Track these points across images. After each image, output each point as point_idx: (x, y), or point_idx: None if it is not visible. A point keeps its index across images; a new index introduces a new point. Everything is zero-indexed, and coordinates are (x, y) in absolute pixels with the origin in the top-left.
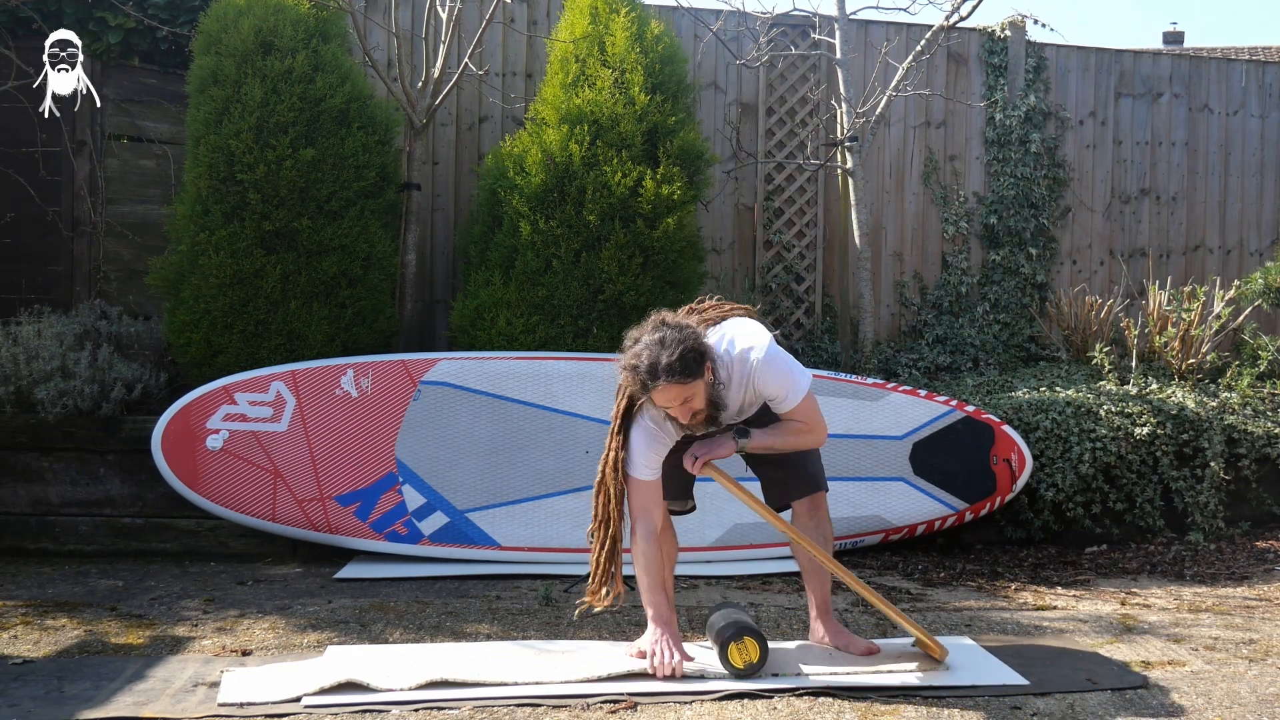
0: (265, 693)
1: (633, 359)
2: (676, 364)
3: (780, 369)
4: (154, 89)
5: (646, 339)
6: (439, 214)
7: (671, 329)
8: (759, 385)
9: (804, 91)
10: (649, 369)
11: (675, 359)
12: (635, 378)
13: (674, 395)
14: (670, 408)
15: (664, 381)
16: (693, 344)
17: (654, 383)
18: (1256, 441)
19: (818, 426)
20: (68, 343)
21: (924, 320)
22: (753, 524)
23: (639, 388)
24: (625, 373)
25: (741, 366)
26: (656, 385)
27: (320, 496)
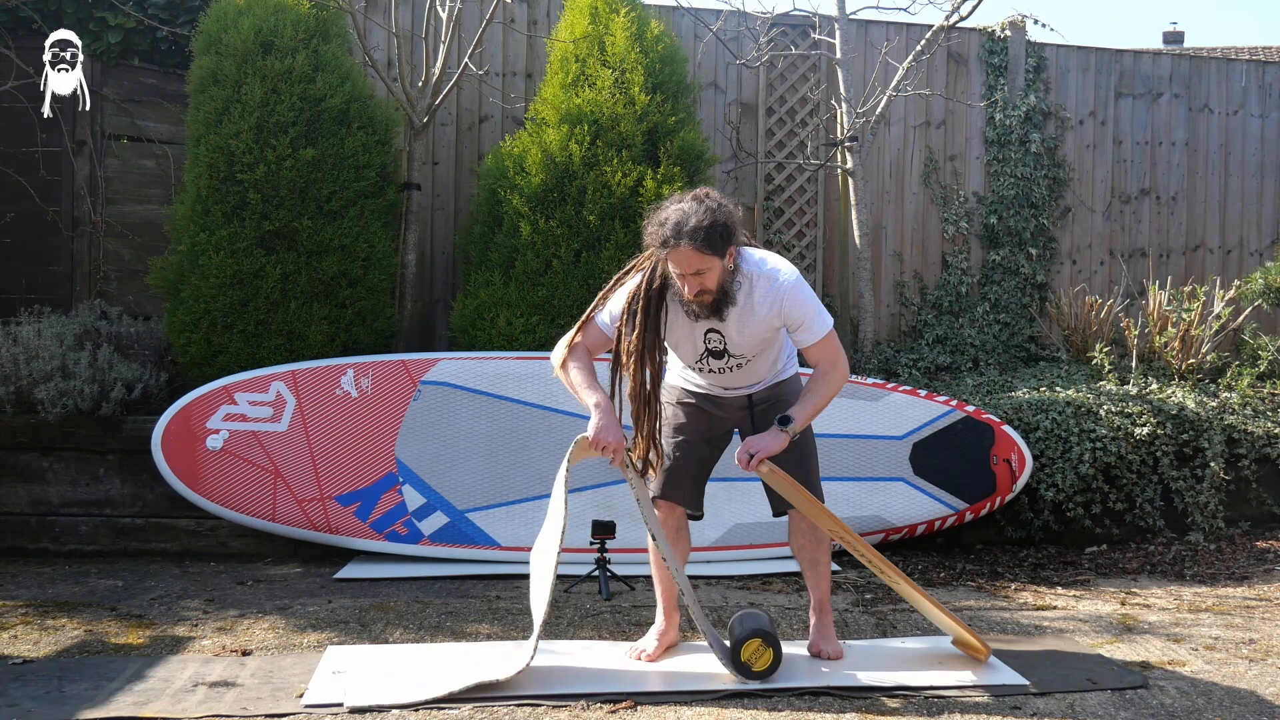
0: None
1: (662, 215)
2: (702, 231)
3: (808, 297)
4: (154, 89)
5: (685, 202)
6: (439, 214)
7: (711, 201)
8: (786, 307)
9: (804, 91)
10: (675, 226)
11: (704, 224)
12: (658, 232)
13: (689, 262)
14: (682, 274)
15: (685, 244)
16: (726, 220)
17: (675, 241)
18: (1256, 441)
19: (839, 363)
20: (68, 343)
21: (924, 320)
22: (753, 524)
23: (658, 242)
24: (651, 229)
25: (768, 284)
26: (677, 245)
27: (320, 496)
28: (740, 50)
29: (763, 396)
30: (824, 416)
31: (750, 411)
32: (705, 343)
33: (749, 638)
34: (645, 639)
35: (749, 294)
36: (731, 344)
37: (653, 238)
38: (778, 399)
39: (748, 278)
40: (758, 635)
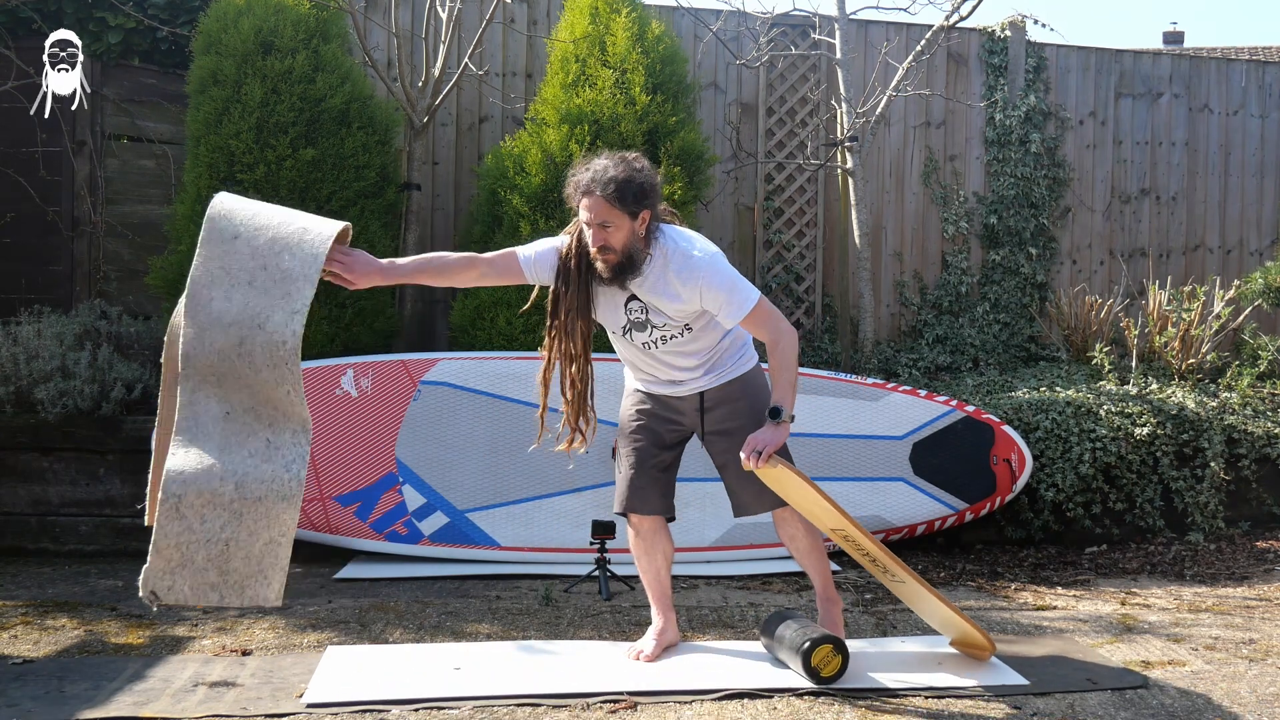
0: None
1: (584, 164)
2: (614, 183)
3: (724, 272)
4: (154, 89)
5: (609, 158)
6: (439, 214)
7: (635, 162)
8: (703, 285)
9: (804, 91)
10: (590, 173)
11: (618, 177)
12: (573, 180)
13: (599, 212)
14: (589, 223)
15: (597, 194)
16: (643, 182)
17: (588, 190)
18: (1256, 441)
19: (781, 329)
20: (68, 343)
21: (924, 320)
22: (753, 524)
23: (572, 188)
24: (573, 177)
25: (683, 259)
26: (587, 192)
27: (320, 496)
28: (740, 50)
29: (714, 396)
30: (824, 416)
31: (701, 412)
32: (627, 313)
33: (823, 642)
34: (644, 639)
35: (663, 267)
36: (652, 313)
37: (571, 185)
38: (732, 398)
39: (663, 251)
40: (830, 642)
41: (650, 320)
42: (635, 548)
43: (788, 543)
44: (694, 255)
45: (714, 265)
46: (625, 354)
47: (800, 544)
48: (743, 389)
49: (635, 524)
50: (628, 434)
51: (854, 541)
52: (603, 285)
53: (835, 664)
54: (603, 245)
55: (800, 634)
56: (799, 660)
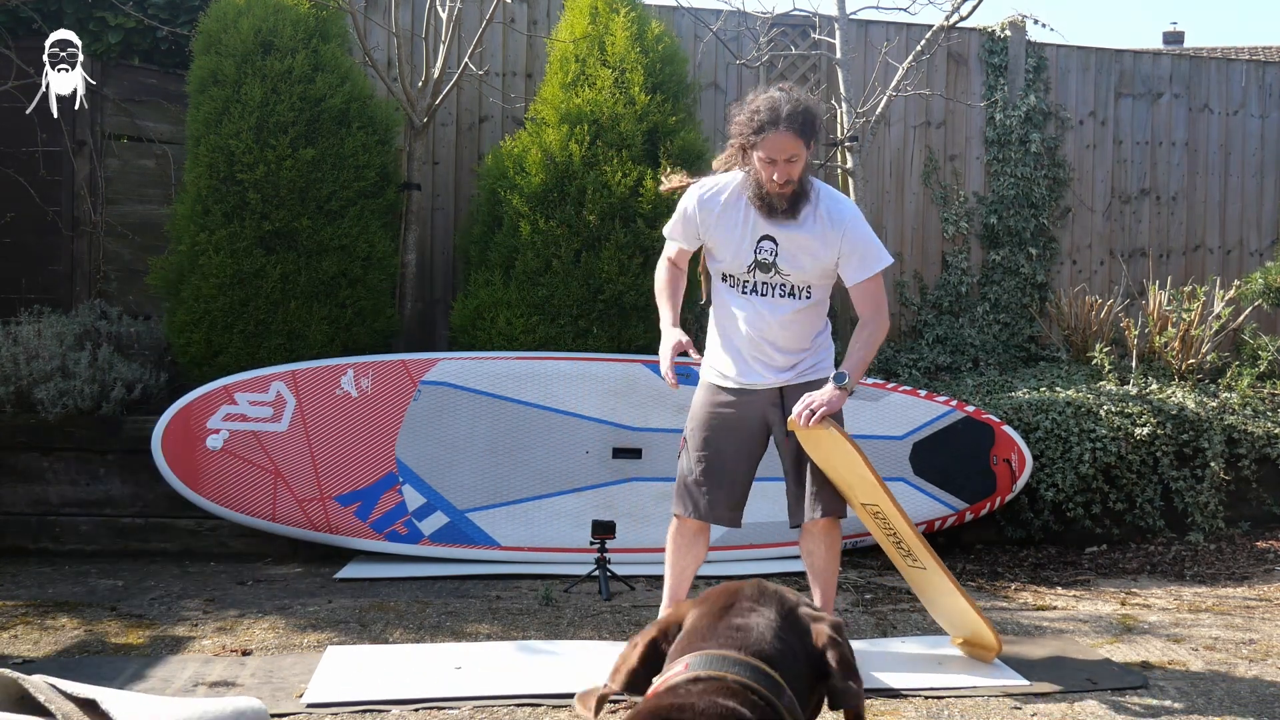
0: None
1: (754, 105)
2: (799, 115)
3: (867, 226)
4: (154, 89)
5: (773, 93)
6: (439, 214)
7: (799, 91)
8: (849, 229)
9: (804, 91)
10: (771, 110)
11: (799, 109)
12: (752, 120)
13: (785, 146)
14: (775, 161)
15: (784, 128)
16: (816, 110)
17: (774, 127)
18: (1256, 441)
19: (883, 309)
20: (68, 343)
21: (924, 320)
22: (754, 524)
23: (754, 130)
24: (742, 118)
25: (836, 203)
26: (776, 130)
27: (320, 496)
28: (740, 50)
29: (793, 392)
30: None
31: (781, 407)
32: (756, 252)
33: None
34: None
35: (815, 205)
36: (782, 256)
37: (745, 126)
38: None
39: (816, 191)
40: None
41: (777, 264)
42: (673, 542)
43: (805, 557)
44: (844, 200)
45: (860, 216)
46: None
47: (816, 561)
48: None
49: (684, 522)
50: (700, 434)
51: (885, 519)
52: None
53: None
54: (786, 179)
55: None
56: None
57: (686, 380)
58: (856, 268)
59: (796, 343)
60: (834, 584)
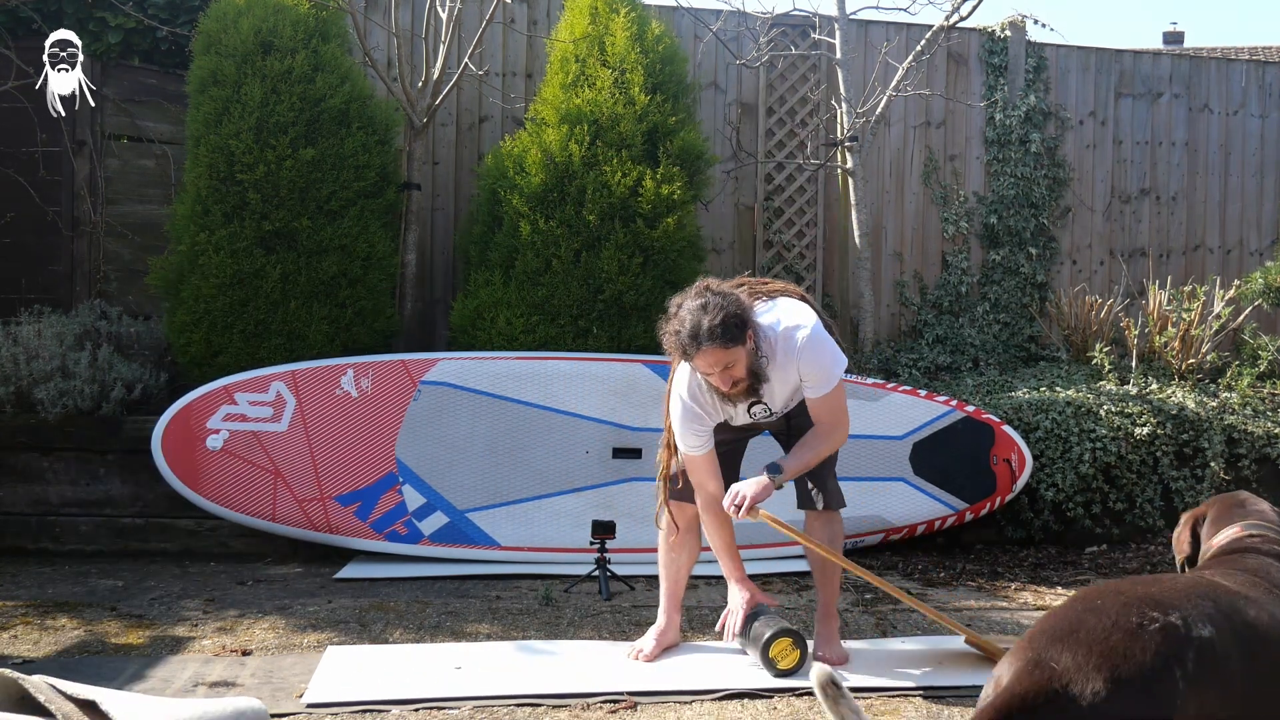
0: None
1: (676, 324)
2: (719, 328)
3: (823, 350)
4: (154, 89)
5: (689, 304)
6: (439, 214)
7: (715, 295)
8: (803, 363)
9: (804, 91)
10: (691, 333)
11: (717, 323)
12: (677, 342)
13: (715, 360)
14: (711, 374)
15: (705, 345)
16: (735, 310)
17: (695, 348)
18: (1256, 441)
19: (842, 422)
20: (68, 343)
21: (924, 320)
22: (754, 524)
23: (680, 352)
24: (668, 338)
25: (786, 344)
26: (699, 350)
27: (320, 496)
28: (740, 50)
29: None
30: None
31: (788, 420)
32: (751, 416)
33: (782, 635)
34: (644, 639)
35: (777, 362)
36: (775, 404)
37: (673, 346)
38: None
39: (770, 345)
40: (789, 635)
41: (773, 410)
42: (664, 543)
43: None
44: (796, 337)
45: (815, 344)
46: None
47: (816, 559)
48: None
49: (675, 516)
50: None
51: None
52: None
53: (794, 657)
54: (731, 384)
55: (762, 627)
56: (759, 651)
57: None
58: (813, 388)
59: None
60: (836, 577)
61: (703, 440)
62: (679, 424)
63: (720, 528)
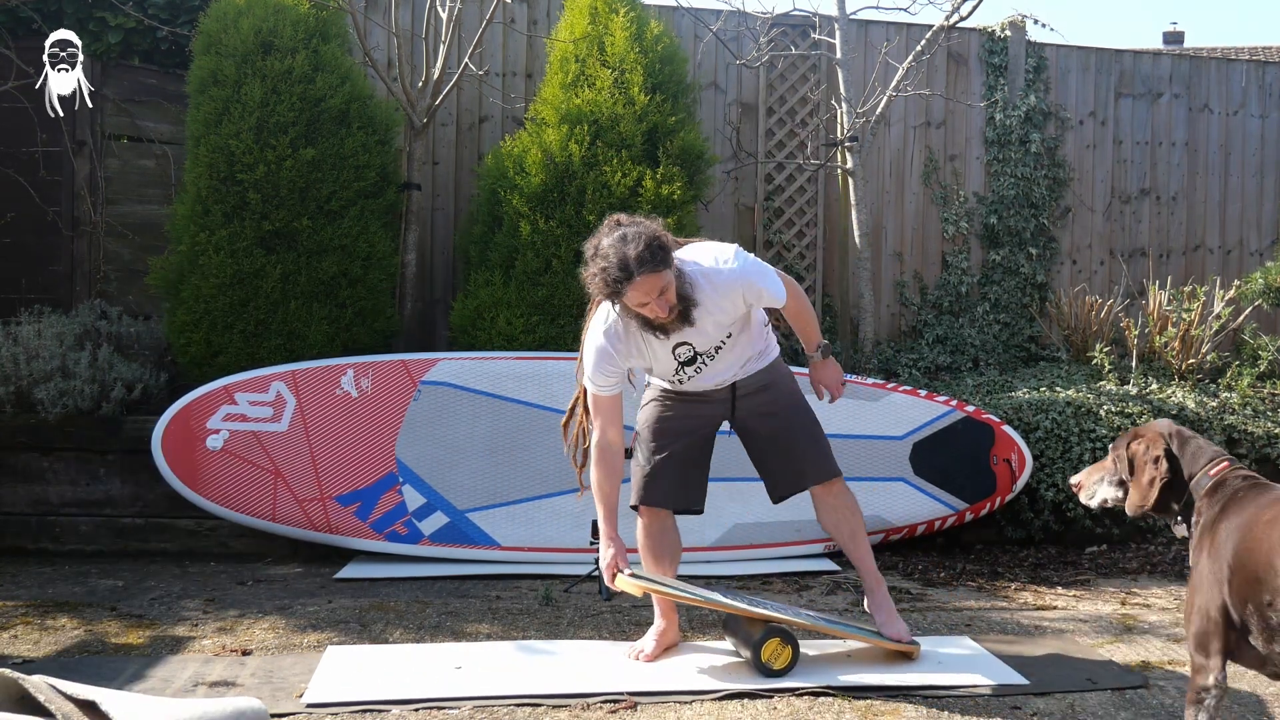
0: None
1: (600, 263)
2: (646, 254)
3: (762, 268)
4: (154, 89)
5: (607, 241)
6: (439, 214)
7: (629, 225)
8: (748, 294)
9: (804, 91)
10: (619, 265)
11: (644, 249)
12: (605, 279)
13: (650, 287)
14: (647, 303)
15: (637, 275)
16: (654, 233)
17: (627, 279)
18: (1256, 441)
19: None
20: (68, 343)
21: (924, 320)
22: (753, 524)
23: (611, 290)
24: (594, 279)
25: (715, 278)
26: (631, 281)
27: (320, 496)
28: (740, 50)
29: (747, 384)
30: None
31: (732, 400)
32: (676, 357)
33: (769, 637)
34: (644, 639)
35: (702, 297)
36: (700, 344)
37: (601, 286)
38: (765, 384)
39: (692, 285)
40: (776, 635)
41: (699, 352)
42: (643, 545)
43: (831, 530)
44: (730, 268)
45: (752, 266)
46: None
47: (844, 529)
48: (774, 375)
49: (647, 519)
50: (652, 430)
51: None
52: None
53: (786, 655)
54: (669, 307)
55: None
56: (751, 656)
57: None
58: (771, 301)
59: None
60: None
61: (613, 382)
62: (592, 366)
63: (609, 478)
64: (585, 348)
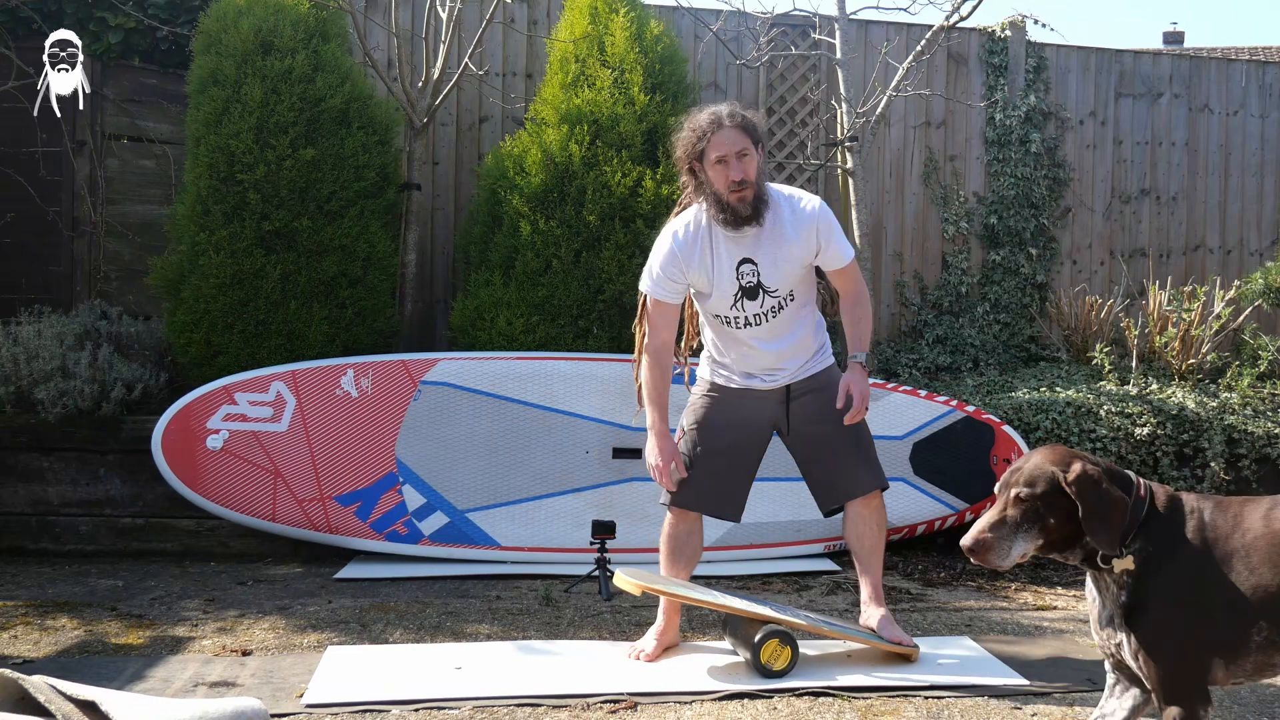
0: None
1: (692, 122)
2: (738, 114)
3: (838, 224)
4: (154, 89)
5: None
6: (439, 214)
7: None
8: (822, 227)
9: (804, 91)
10: (710, 117)
11: (740, 112)
12: (694, 130)
13: (734, 141)
14: (727, 158)
15: (728, 125)
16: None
17: (716, 127)
18: (1256, 441)
19: (863, 285)
20: (68, 343)
21: (924, 320)
22: (754, 524)
23: (700, 135)
24: (683, 139)
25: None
26: (719, 129)
27: (320, 496)
28: (740, 50)
29: (801, 387)
30: None
31: (787, 405)
32: (739, 278)
33: (768, 638)
34: (645, 638)
35: (778, 215)
36: (764, 274)
37: (689, 139)
38: (816, 389)
39: (775, 197)
40: (775, 635)
41: (762, 283)
42: (665, 544)
43: (853, 539)
44: (809, 201)
45: (823, 209)
46: (725, 337)
47: (866, 542)
48: (829, 379)
49: (675, 519)
50: (695, 427)
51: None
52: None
53: (785, 655)
54: (742, 178)
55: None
56: (750, 657)
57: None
58: (837, 253)
59: (795, 344)
60: (881, 564)
61: (675, 288)
62: (658, 267)
63: (662, 376)
64: (653, 251)
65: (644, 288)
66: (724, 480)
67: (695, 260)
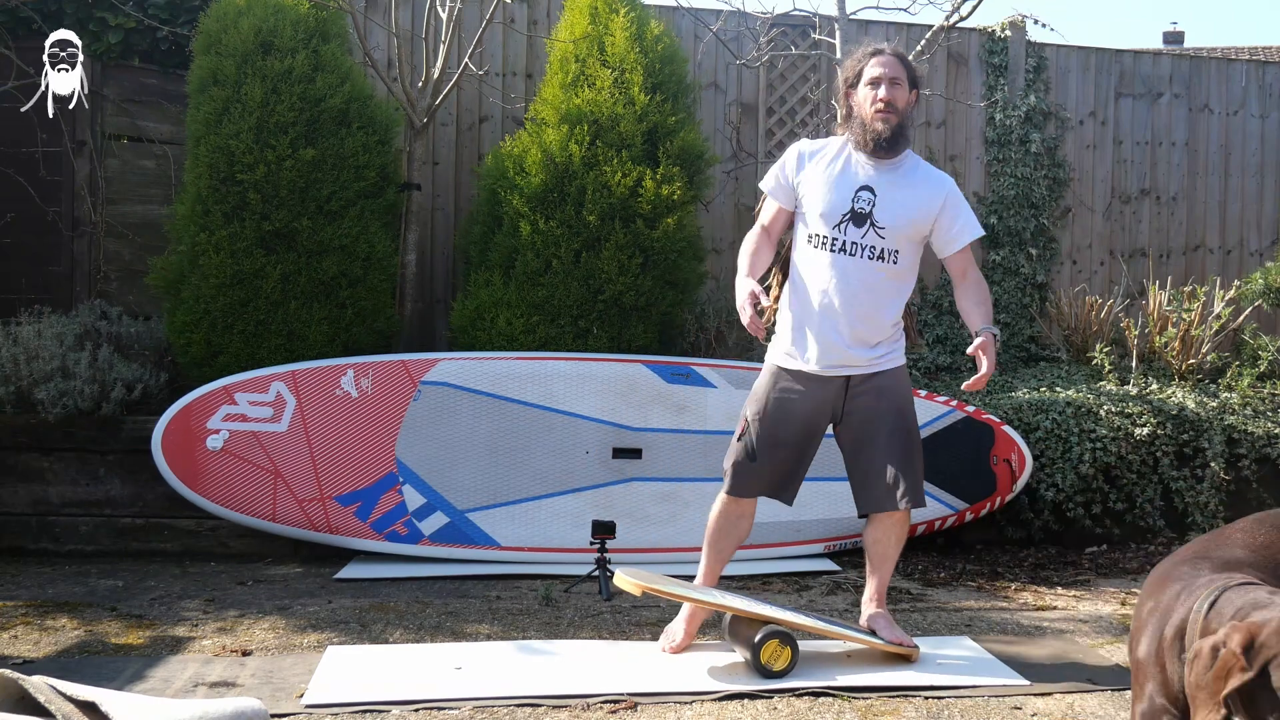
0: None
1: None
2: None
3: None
4: (154, 89)
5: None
6: (439, 214)
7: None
8: (951, 200)
9: (804, 91)
10: (876, 46)
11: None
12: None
13: (893, 68)
14: (881, 78)
15: (889, 53)
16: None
17: (878, 53)
18: (1256, 441)
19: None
20: (68, 343)
21: (924, 320)
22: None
23: (859, 59)
24: (849, 61)
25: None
26: (881, 54)
27: (320, 496)
28: (740, 50)
29: (862, 381)
30: None
31: (845, 394)
32: (854, 201)
33: (768, 638)
34: (673, 625)
35: (915, 165)
36: (879, 207)
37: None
38: (877, 387)
39: (915, 156)
40: (775, 636)
41: (874, 214)
42: (716, 522)
43: (870, 546)
44: (949, 178)
45: (955, 186)
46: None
47: (880, 551)
48: (892, 380)
49: (729, 503)
50: (762, 419)
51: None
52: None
53: (785, 655)
54: (889, 101)
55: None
56: (751, 658)
57: (685, 381)
58: (961, 230)
59: (875, 319)
60: (890, 573)
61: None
62: (786, 157)
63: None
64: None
65: (764, 185)
66: (783, 466)
67: (823, 166)
